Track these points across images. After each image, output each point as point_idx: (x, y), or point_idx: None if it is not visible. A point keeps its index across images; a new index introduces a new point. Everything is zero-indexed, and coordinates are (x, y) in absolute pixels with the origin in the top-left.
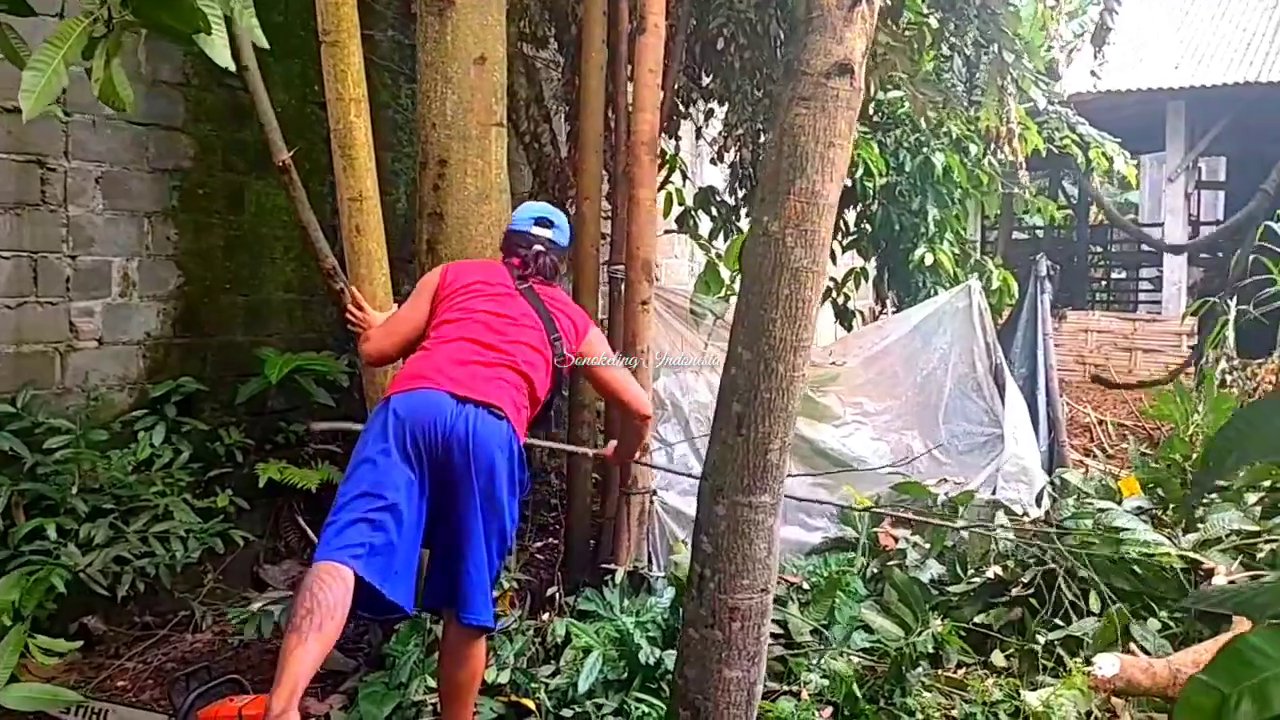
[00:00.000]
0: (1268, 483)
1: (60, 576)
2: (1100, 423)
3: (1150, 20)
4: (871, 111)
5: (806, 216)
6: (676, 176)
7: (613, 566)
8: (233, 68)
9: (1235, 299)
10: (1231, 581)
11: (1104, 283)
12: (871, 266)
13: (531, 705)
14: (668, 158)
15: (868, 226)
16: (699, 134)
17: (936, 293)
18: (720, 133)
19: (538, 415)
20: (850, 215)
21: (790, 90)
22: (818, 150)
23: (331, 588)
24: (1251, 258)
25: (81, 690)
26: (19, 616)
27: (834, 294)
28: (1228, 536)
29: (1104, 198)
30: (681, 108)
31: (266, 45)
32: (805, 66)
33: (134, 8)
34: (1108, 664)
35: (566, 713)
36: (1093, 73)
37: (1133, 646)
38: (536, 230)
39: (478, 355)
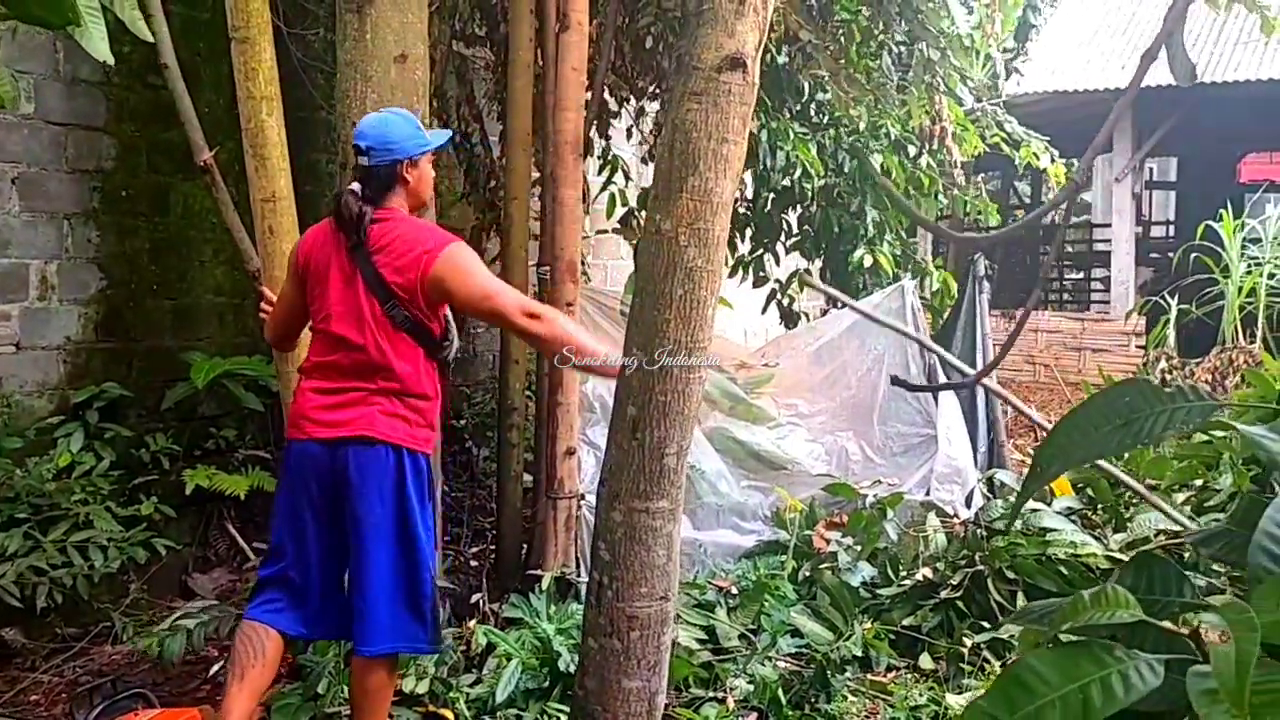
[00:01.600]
0: (1198, 482)
1: None
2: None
3: (1097, 23)
4: (813, 112)
5: (700, 215)
6: (619, 177)
7: (540, 573)
8: (111, 60)
9: (1177, 298)
10: None
11: (1056, 283)
12: (815, 268)
13: (450, 715)
14: (609, 158)
15: (809, 229)
16: (630, 134)
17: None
18: (651, 131)
19: (440, 370)
20: (792, 217)
21: (682, 85)
22: (710, 147)
23: (250, 639)
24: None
25: None
26: None
27: (779, 295)
28: (1155, 536)
29: (900, 197)
30: (614, 106)
31: (150, 38)
32: (696, 61)
33: None
34: None
35: None
36: (1016, 70)
37: None
38: (357, 158)
39: (334, 381)
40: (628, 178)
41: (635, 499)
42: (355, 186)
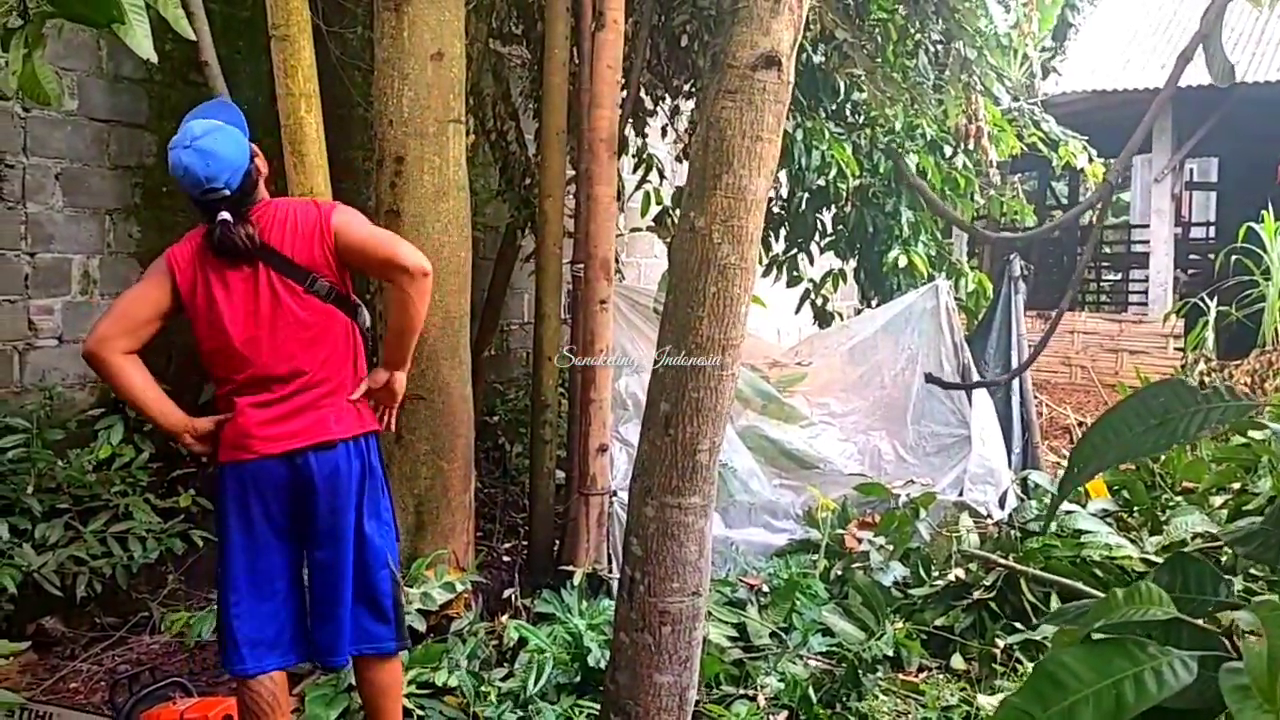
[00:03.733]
0: (1235, 486)
1: (11, 577)
2: (1080, 424)
3: (1137, 22)
4: (848, 112)
5: (734, 212)
6: (654, 176)
7: (572, 569)
8: (155, 59)
9: (1216, 300)
10: None
11: (1093, 284)
12: (849, 268)
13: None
14: (644, 157)
15: (843, 228)
16: (664, 132)
17: None
18: (685, 130)
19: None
20: (826, 217)
21: (716, 83)
22: (744, 145)
23: (259, 696)
24: (1234, 258)
25: (32, 693)
26: None
27: (812, 295)
28: (1191, 540)
29: (920, 182)
30: (649, 105)
31: (192, 36)
32: (731, 59)
33: None
34: None
35: (511, 716)
36: (1054, 69)
37: None
38: (207, 197)
39: (274, 391)
40: (662, 176)
41: (668, 494)
42: (226, 216)
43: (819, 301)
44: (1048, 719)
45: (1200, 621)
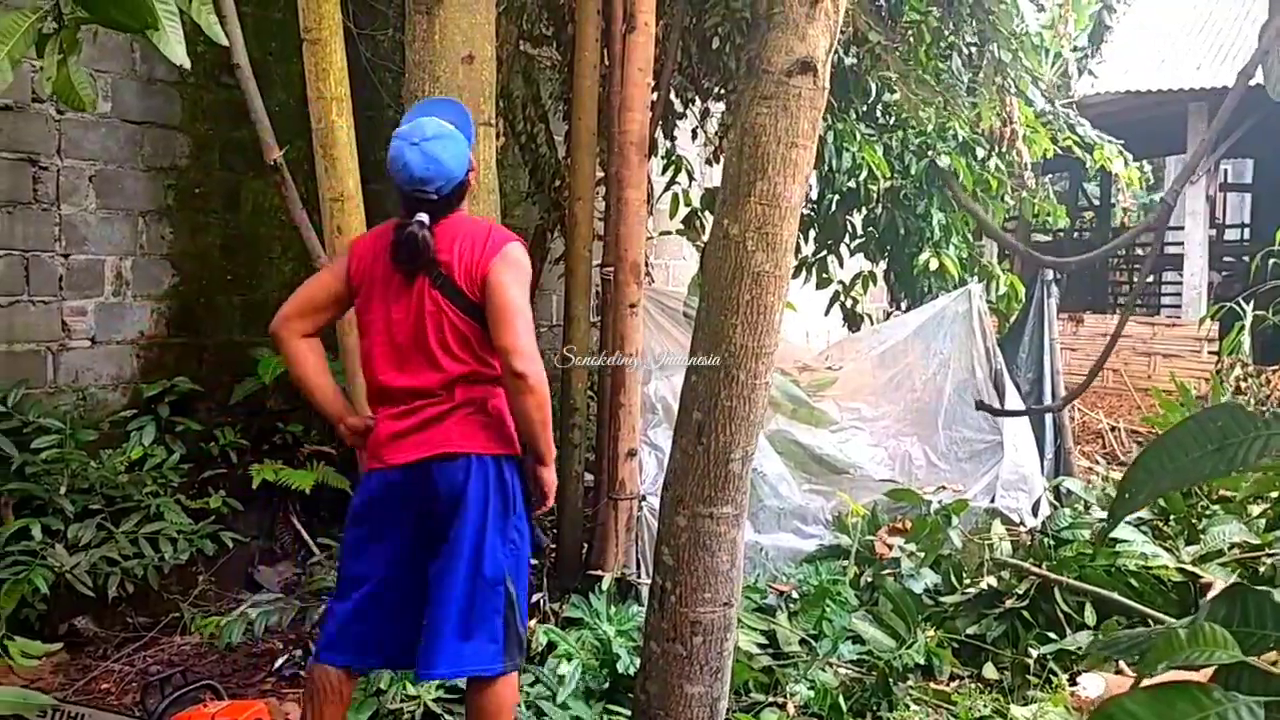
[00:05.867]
0: (1274, 494)
1: (44, 577)
2: (1113, 429)
3: (1172, 22)
4: (879, 114)
5: (768, 219)
6: (683, 177)
7: (600, 574)
8: (188, 64)
9: (1252, 303)
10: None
11: (1126, 285)
12: (880, 270)
13: None
14: (673, 159)
15: (873, 230)
16: (694, 134)
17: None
18: (716, 133)
19: None
20: (856, 219)
21: (751, 89)
22: (779, 151)
23: (316, 691)
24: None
25: (64, 693)
26: None
27: (842, 297)
28: (1229, 549)
29: (975, 207)
30: (680, 107)
31: (225, 41)
32: (766, 64)
33: (84, 3)
34: (1093, 684)
35: None
36: (1090, 71)
37: (1123, 664)
38: (415, 193)
39: (406, 403)
40: (691, 178)
41: (700, 504)
42: (423, 218)
43: (849, 304)
44: None
45: (1265, 664)
